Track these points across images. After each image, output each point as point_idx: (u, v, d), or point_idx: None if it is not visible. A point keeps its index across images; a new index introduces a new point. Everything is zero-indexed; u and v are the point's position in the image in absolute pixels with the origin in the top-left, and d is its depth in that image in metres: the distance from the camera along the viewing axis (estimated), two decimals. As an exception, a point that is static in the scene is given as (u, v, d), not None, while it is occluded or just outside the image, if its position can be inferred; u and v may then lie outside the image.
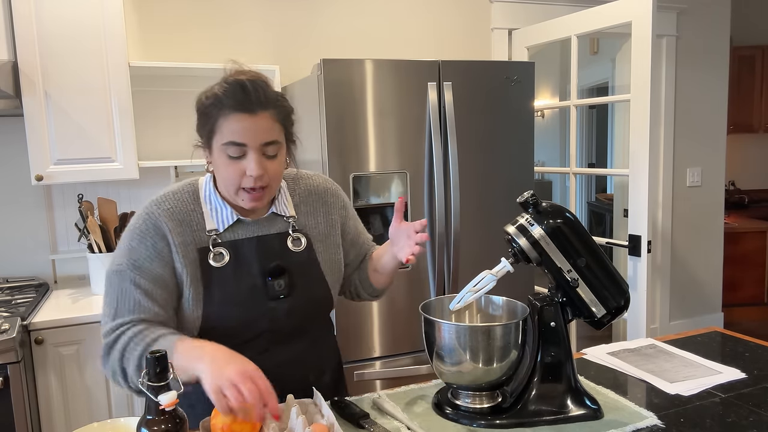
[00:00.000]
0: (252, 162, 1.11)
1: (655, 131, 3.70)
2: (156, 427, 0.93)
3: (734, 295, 4.50)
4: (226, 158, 1.13)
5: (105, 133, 2.28)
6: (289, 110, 1.19)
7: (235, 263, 1.17)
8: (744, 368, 1.36)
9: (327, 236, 1.30)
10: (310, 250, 1.25)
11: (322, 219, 1.30)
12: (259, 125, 1.11)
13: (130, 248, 1.15)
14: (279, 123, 1.15)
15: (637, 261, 2.65)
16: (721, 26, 3.82)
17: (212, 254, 1.17)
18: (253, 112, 1.11)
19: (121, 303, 1.12)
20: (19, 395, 1.84)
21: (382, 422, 1.14)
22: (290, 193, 1.29)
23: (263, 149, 1.13)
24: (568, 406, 1.15)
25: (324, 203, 1.32)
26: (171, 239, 1.15)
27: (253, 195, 1.15)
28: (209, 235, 1.18)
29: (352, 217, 1.38)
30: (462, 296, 1.19)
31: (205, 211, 1.20)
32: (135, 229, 1.17)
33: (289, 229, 1.25)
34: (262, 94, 1.12)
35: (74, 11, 2.19)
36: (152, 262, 1.14)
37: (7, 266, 2.51)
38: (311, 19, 2.91)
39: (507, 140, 2.51)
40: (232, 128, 1.11)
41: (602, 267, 1.17)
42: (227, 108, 1.11)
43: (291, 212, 1.26)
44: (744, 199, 5.16)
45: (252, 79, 1.13)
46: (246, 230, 1.21)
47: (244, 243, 1.19)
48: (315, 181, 1.34)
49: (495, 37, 3.29)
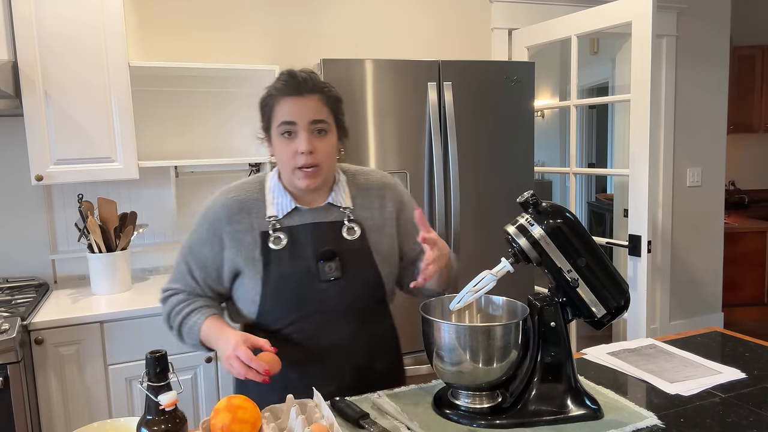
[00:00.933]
0: (302, 139, 1.24)
1: (655, 131, 3.70)
2: (156, 427, 0.93)
3: (734, 295, 4.50)
4: (281, 140, 1.26)
5: (105, 133, 2.28)
6: (337, 97, 1.31)
7: (291, 247, 1.28)
8: (744, 368, 1.36)
9: (381, 227, 1.37)
10: (364, 240, 1.33)
11: (377, 211, 1.37)
12: (307, 105, 1.24)
13: (193, 230, 1.34)
14: (327, 107, 1.27)
15: (637, 261, 2.65)
16: (721, 26, 3.82)
17: (272, 238, 1.29)
18: (301, 94, 1.24)
19: (176, 271, 1.35)
20: (19, 395, 1.84)
21: (382, 422, 1.14)
22: (348, 187, 1.38)
23: (311, 127, 1.24)
24: (568, 406, 1.15)
25: (380, 196, 1.39)
26: (226, 228, 1.29)
27: (306, 173, 1.26)
28: (269, 221, 1.30)
29: (409, 210, 1.42)
30: (462, 296, 1.19)
31: (267, 199, 1.33)
32: (201, 213, 1.34)
33: (344, 219, 1.33)
34: (309, 80, 1.25)
35: (74, 11, 2.19)
36: (202, 247, 1.31)
37: (7, 266, 2.51)
38: (311, 19, 2.91)
39: (507, 140, 2.51)
40: (284, 110, 1.24)
41: (602, 267, 1.17)
42: (280, 94, 1.25)
43: (347, 203, 1.35)
44: (744, 199, 5.16)
45: (302, 69, 1.28)
46: (303, 217, 1.32)
47: (300, 228, 1.30)
48: (373, 176, 1.43)
49: (495, 37, 3.29)
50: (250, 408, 1.06)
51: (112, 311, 2.08)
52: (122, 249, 2.33)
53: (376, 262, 1.33)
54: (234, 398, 1.07)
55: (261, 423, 1.08)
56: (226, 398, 1.08)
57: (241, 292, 1.32)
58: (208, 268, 1.32)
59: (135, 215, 2.39)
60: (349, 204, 1.35)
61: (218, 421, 1.03)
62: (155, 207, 2.71)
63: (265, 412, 1.12)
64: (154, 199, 2.70)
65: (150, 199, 2.69)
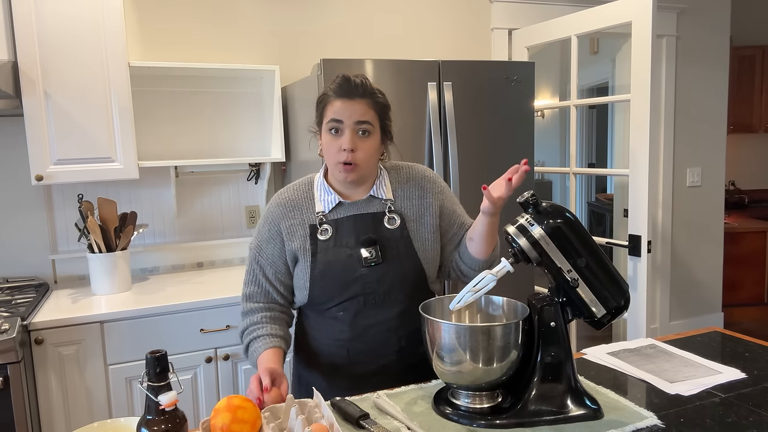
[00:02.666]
0: (346, 137, 1.36)
1: (655, 131, 3.70)
2: (156, 427, 0.93)
3: (734, 295, 4.50)
4: (329, 136, 1.38)
5: (105, 133, 2.28)
6: (384, 103, 1.42)
7: (336, 237, 1.42)
8: (744, 368, 1.36)
9: (421, 217, 1.47)
10: (404, 228, 1.44)
11: (416, 202, 1.48)
12: (354, 108, 1.36)
13: (258, 230, 1.49)
14: (374, 111, 1.39)
15: (637, 261, 2.65)
16: (721, 26, 3.82)
17: (319, 230, 1.42)
18: (351, 97, 1.36)
19: (249, 274, 1.50)
20: (19, 395, 1.84)
21: (382, 422, 1.14)
22: (390, 181, 1.49)
23: (356, 127, 1.36)
24: (568, 406, 1.15)
25: (420, 188, 1.50)
26: (282, 224, 1.45)
27: (345, 168, 1.37)
28: (317, 216, 1.43)
29: (448, 200, 1.53)
30: (462, 296, 1.19)
31: (315, 196, 1.47)
32: (263, 215, 1.50)
33: (385, 210, 1.45)
34: (361, 85, 1.37)
35: (74, 11, 2.19)
36: (268, 244, 1.46)
37: (7, 266, 2.51)
38: (311, 19, 2.91)
39: (507, 140, 2.51)
40: (335, 109, 1.36)
41: (602, 267, 1.17)
42: (333, 95, 1.38)
43: (388, 196, 1.47)
44: (744, 199, 5.15)
45: (357, 75, 1.39)
46: (346, 210, 1.44)
47: (343, 220, 1.43)
48: (414, 170, 1.54)
49: (495, 37, 3.29)
50: (250, 408, 1.07)
51: (112, 311, 2.08)
52: (122, 249, 2.33)
53: (416, 249, 1.43)
54: (234, 398, 1.07)
55: (261, 423, 1.08)
56: (226, 398, 1.08)
57: (295, 280, 1.47)
58: (277, 264, 1.46)
59: (135, 215, 2.39)
60: (390, 196, 1.47)
61: (218, 421, 1.03)
62: (155, 207, 2.71)
63: (265, 412, 1.13)
64: (154, 199, 2.70)
65: (150, 199, 2.69)
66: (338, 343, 1.42)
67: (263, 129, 2.81)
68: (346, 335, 1.41)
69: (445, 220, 1.51)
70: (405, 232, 1.44)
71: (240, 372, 2.28)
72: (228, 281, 2.50)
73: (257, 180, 2.85)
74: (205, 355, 2.20)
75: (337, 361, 1.43)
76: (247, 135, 2.81)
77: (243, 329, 1.47)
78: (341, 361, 1.43)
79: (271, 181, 2.81)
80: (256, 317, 1.46)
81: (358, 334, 1.41)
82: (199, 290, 2.34)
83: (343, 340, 1.42)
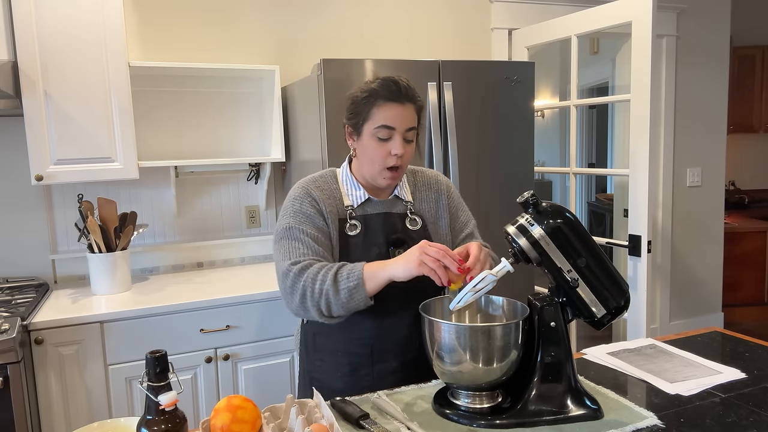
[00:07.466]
0: (397, 143, 1.36)
1: (655, 131, 3.70)
2: (156, 427, 0.93)
3: (734, 295, 4.50)
4: (376, 141, 1.37)
5: (105, 133, 2.28)
6: (424, 106, 1.47)
7: (365, 234, 1.42)
8: (744, 368, 1.36)
9: (437, 218, 1.52)
10: (425, 230, 1.48)
11: (433, 204, 1.53)
12: (406, 114, 1.36)
13: (294, 211, 1.40)
14: (417, 115, 1.40)
15: (637, 261, 2.65)
16: (721, 26, 3.82)
17: (348, 225, 1.42)
18: (402, 102, 1.36)
19: (293, 251, 1.36)
20: (19, 395, 1.84)
21: (382, 422, 1.14)
22: (408, 183, 1.53)
23: (406, 134, 1.37)
24: (568, 406, 1.15)
25: (436, 191, 1.55)
26: (323, 206, 1.41)
27: (393, 173, 1.39)
28: (346, 209, 1.44)
29: (454, 200, 1.58)
30: (462, 296, 1.19)
31: (342, 190, 1.46)
32: (295, 199, 1.43)
33: (407, 211, 1.48)
34: (409, 89, 1.38)
35: (74, 11, 2.19)
36: (313, 219, 1.40)
37: (7, 266, 2.51)
38: (311, 19, 2.91)
39: (507, 140, 2.51)
40: (386, 114, 1.35)
41: (602, 267, 1.17)
42: (382, 98, 1.35)
43: (408, 198, 1.50)
44: (744, 199, 5.15)
45: (400, 77, 1.38)
46: (374, 207, 1.46)
47: (372, 217, 1.44)
48: (427, 173, 1.58)
49: (495, 37, 3.29)
50: (249, 408, 1.07)
51: (112, 311, 2.08)
52: (122, 249, 2.33)
53: None
54: (234, 398, 1.07)
55: (261, 423, 1.08)
56: (226, 398, 1.08)
57: None
58: (322, 239, 1.39)
59: (135, 215, 2.39)
60: (410, 198, 1.50)
61: (218, 421, 1.03)
62: (155, 207, 2.71)
63: (265, 412, 1.12)
64: (154, 199, 2.70)
65: (150, 199, 2.69)
66: (360, 341, 1.41)
67: (263, 129, 2.81)
68: (371, 333, 1.41)
69: (452, 220, 1.55)
70: (426, 233, 1.47)
71: (240, 372, 2.28)
72: (228, 281, 2.50)
73: (257, 180, 2.85)
74: (205, 355, 2.20)
75: (357, 360, 1.42)
76: (247, 135, 2.81)
77: (314, 274, 1.30)
78: (363, 360, 1.42)
79: (271, 181, 2.81)
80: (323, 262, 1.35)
81: (382, 332, 1.41)
82: (199, 290, 2.34)
83: (366, 338, 1.41)
